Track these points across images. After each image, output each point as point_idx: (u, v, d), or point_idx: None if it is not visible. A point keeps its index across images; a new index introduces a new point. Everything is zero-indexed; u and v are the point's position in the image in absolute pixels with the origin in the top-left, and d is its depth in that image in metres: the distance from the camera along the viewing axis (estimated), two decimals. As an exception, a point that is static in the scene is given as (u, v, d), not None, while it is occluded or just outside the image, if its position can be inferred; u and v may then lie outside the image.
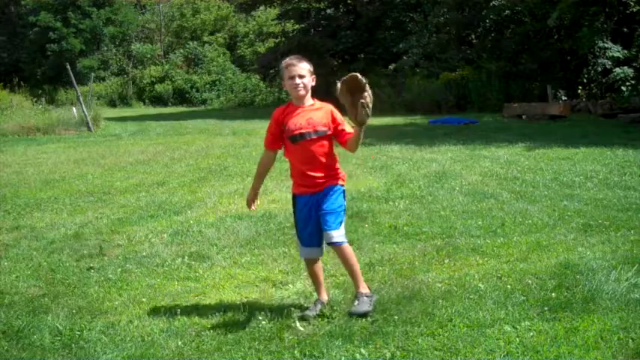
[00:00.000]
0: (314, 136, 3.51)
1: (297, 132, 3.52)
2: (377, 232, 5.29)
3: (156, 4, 44.17)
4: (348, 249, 3.58)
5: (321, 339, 3.23)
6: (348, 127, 3.55)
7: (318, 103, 3.62)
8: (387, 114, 18.56)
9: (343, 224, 3.57)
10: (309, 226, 3.60)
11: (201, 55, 39.07)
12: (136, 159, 11.11)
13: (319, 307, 3.62)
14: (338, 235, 3.50)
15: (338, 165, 3.65)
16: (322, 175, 3.54)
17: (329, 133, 3.54)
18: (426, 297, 3.76)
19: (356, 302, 3.51)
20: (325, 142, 3.55)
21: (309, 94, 3.59)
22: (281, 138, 3.62)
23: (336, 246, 3.52)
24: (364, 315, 3.45)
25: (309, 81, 3.55)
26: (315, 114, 3.55)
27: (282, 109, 3.64)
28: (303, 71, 3.50)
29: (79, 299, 4.03)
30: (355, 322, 3.41)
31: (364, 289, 3.58)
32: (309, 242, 3.63)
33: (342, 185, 3.62)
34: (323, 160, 3.54)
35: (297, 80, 3.49)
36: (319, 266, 3.74)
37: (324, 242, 3.61)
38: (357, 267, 3.63)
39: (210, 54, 39.09)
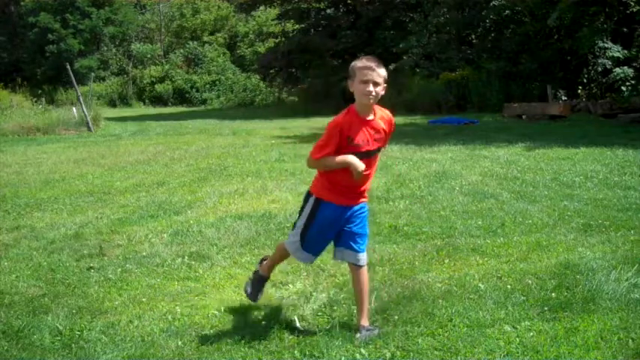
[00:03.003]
0: (376, 153, 3.34)
1: (364, 150, 3.24)
2: (377, 232, 5.28)
3: (156, 4, 44.18)
4: (367, 275, 3.45)
5: (321, 339, 3.23)
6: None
7: (379, 113, 3.34)
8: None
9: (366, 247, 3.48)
10: (326, 236, 3.41)
11: (201, 55, 39.08)
12: (136, 159, 11.11)
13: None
14: (364, 257, 3.41)
15: None
16: (367, 185, 3.39)
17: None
18: (426, 297, 3.76)
19: (358, 335, 3.26)
20: (379, 155, 3.43)
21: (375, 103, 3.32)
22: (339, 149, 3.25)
23: (360, 268, 3.37)
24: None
25: (382, 90, 3.21)
26: (377, 127, 3.29)
27: (346, 119, 3.22)
28: (379, 79, 3.17)
29: (79, 299, 4.03)
30: (355, 322, 3.41)
31: (366, 322, 3.35)
32: (314, 249, 3.45)
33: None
34: (375, 171, 3.42)
35: (371, 88, 3.14)
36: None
37: (348, 262, 3.42)
38: (367, 294, 3.42)
39: (210, 54, 39.11)
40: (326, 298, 3.87)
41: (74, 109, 19.83)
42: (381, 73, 3.18)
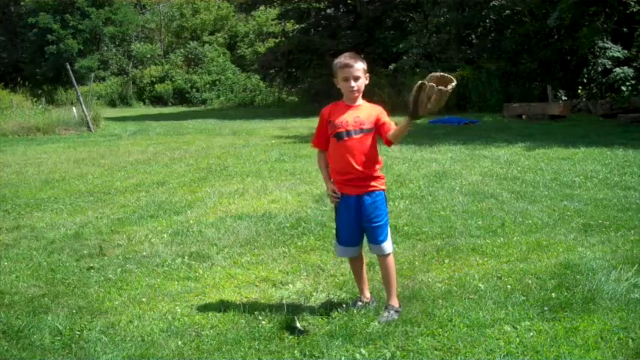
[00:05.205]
0: (359, 134, 3.49)
1: (342, 129, 3.50)
2: (377, 232, 5.28)
3: (156, 4, 44.21)
4: (393, 260, 3.65)
5: (321, 339, 3.23)
6: (391, 124, 3.54)
7: (366, 104, 3.59)
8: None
9: (389, 232, 3.63)
10: (349, 225, 3.61)
11: (201, 55, 39.14)
12: (136, 159, 11.11)
13: (359, 304, 3.67)
14: (388, 246, 3.59)
15: (380, 166, 3.61)
16: (364, 171, 3.50)
17: (374, 131, 3.51)
18: (426, 297, 3.76)
19: (386, 313, 3.50)
20: (369, 140, 3.52)
21: (361, 94, 3.58)
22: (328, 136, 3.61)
23: (384, 257, 3.59)
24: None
25: (363, 81, 3.52)
26: (362, 112, 3.53)
27: (331, 107, 3.62)
28: (358, 73, 3.47)
29: (79, 299, 4.03)
30: (355, 322, 3.41)
31: (395, 303, 3.59)
32: (346, 241, 3.65)
33: (384, 190, 3.61)
34: (367, 155, 3.50)
35: (353, 83, 3.46)
36: (362, 264, 3.78)
37: (373, 253, 3.68)
38: (395, 279, 3.65)
39: (210, 54, 39.16)
40: (326, 298, 3.87)
41: (74, 109, 19.84)
42: (359, 67, 3.47)
